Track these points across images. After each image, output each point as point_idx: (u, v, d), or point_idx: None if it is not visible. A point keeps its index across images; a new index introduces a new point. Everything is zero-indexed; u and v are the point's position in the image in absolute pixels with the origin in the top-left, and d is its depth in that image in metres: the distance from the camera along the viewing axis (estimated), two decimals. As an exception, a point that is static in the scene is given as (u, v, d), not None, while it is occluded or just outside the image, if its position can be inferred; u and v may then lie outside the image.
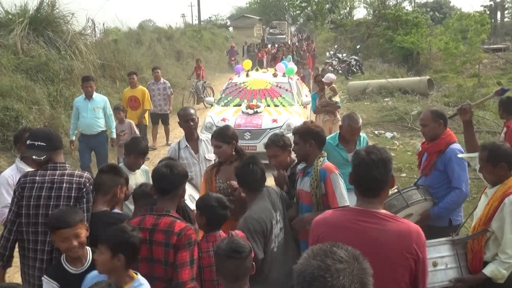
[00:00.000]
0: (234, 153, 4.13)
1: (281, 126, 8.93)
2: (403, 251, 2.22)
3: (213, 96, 14.58)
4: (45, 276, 2.89)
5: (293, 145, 3.91)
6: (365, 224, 2.27)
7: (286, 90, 10.35)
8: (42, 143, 3.19)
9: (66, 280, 2.84)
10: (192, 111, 4.82)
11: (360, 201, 2.38)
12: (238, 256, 2.49)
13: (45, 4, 13.06)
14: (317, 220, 2.45)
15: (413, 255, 2.23)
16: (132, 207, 3.90)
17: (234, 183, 3.71)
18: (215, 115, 9.53)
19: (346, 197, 3.58)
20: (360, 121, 4.78)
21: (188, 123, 4.70)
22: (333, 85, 9.46)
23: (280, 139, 4.03)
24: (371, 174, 2.31)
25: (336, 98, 9.07)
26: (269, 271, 3.26)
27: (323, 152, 3.83)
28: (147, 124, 10.44)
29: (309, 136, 3.72)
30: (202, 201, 3.24)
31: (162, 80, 11.01)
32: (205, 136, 4.89)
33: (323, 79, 9.46)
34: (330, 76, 9.83)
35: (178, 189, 2.97)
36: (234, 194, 3.81)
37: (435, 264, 3.28)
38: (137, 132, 8.41)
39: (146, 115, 10.17)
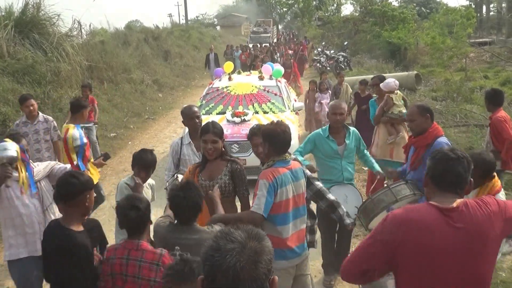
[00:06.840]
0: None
1: None
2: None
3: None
4: None
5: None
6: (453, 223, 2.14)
7: (275, 94, 9.37)
8: None
9: None
10: (196, 108, 4.86)
11: (441, 197, 2.22)
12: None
13: (30, 6, 12.92)
14: (395, 219, 2.20)
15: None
16: None
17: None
18: None
19: (262, 207, 3.37)
20: (344, 105, 4.82)
21: (193, 120, 4.72)
22: (394, 94, 6.82)
23: None
24: (456, 169, 2.22)
25: (395, 110, 6.73)
26: None
27: (284, 155, 3.55)
28: None
29: (266, 139, 3.56)
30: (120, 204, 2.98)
31: (41, 116, 6.55)
32: None
33: (380, 85, 7.10)
34: (390, 83, 6.92)
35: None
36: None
37: None
38: None
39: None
